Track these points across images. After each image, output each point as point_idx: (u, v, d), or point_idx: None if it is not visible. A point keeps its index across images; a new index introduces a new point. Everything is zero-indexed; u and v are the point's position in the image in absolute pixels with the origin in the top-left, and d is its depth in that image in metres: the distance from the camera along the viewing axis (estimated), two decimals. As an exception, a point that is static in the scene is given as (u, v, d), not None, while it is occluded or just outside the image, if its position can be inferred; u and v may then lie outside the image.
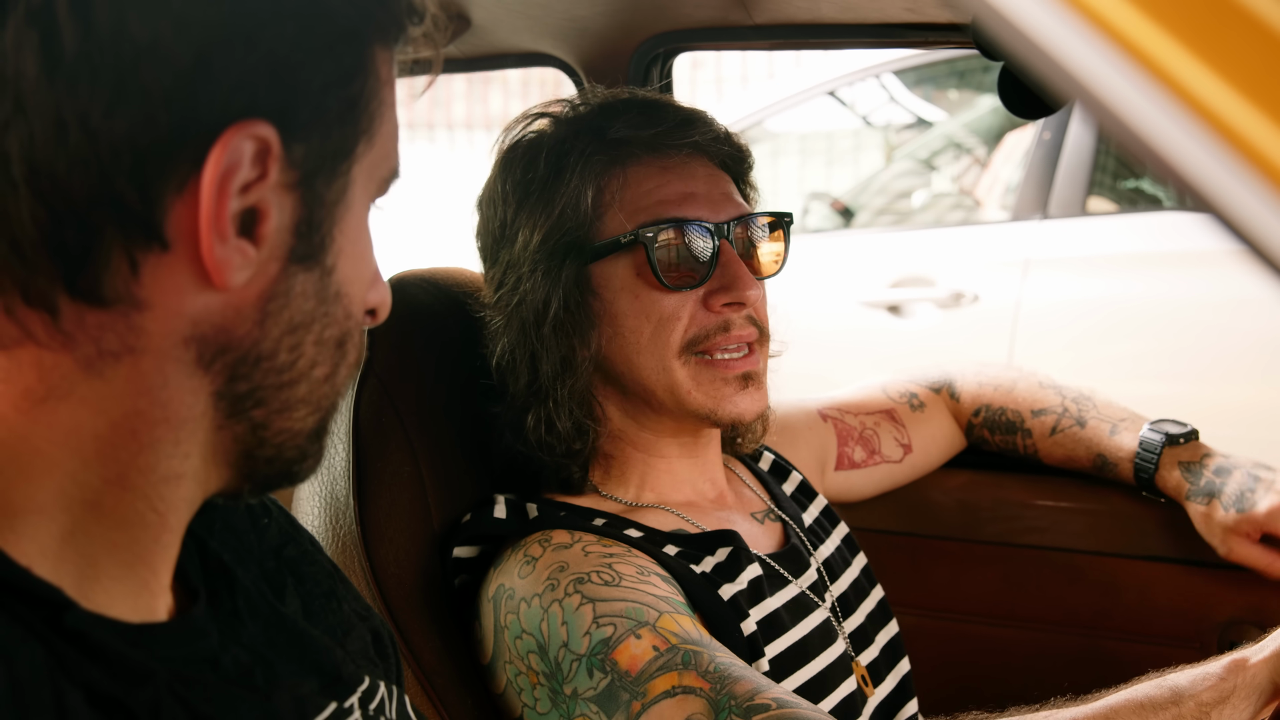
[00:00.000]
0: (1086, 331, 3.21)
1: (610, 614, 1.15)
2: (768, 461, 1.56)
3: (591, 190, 1.30)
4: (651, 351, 1.30)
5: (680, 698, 1.09)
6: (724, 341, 1.30)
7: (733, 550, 1.33)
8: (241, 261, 0.66)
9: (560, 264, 1.30)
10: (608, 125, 1.32)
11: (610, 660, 1.13)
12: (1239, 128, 0.51)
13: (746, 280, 1.30)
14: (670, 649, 1.12)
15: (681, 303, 1.30)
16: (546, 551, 1.23)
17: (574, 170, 1.30)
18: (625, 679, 1.11)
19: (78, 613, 0.64)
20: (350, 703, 0.82)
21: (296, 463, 0.75)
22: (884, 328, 3.52)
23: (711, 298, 1.30)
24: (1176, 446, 1.56)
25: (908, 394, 1.74)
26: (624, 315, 1.31)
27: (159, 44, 0.62)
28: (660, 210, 1.30)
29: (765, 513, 1.47)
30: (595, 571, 1.19)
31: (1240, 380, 3.04)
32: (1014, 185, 3.51)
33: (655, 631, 1.13)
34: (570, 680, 1.15)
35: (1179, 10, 0.52)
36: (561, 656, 1.16)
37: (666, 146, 1.32)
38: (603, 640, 1.14)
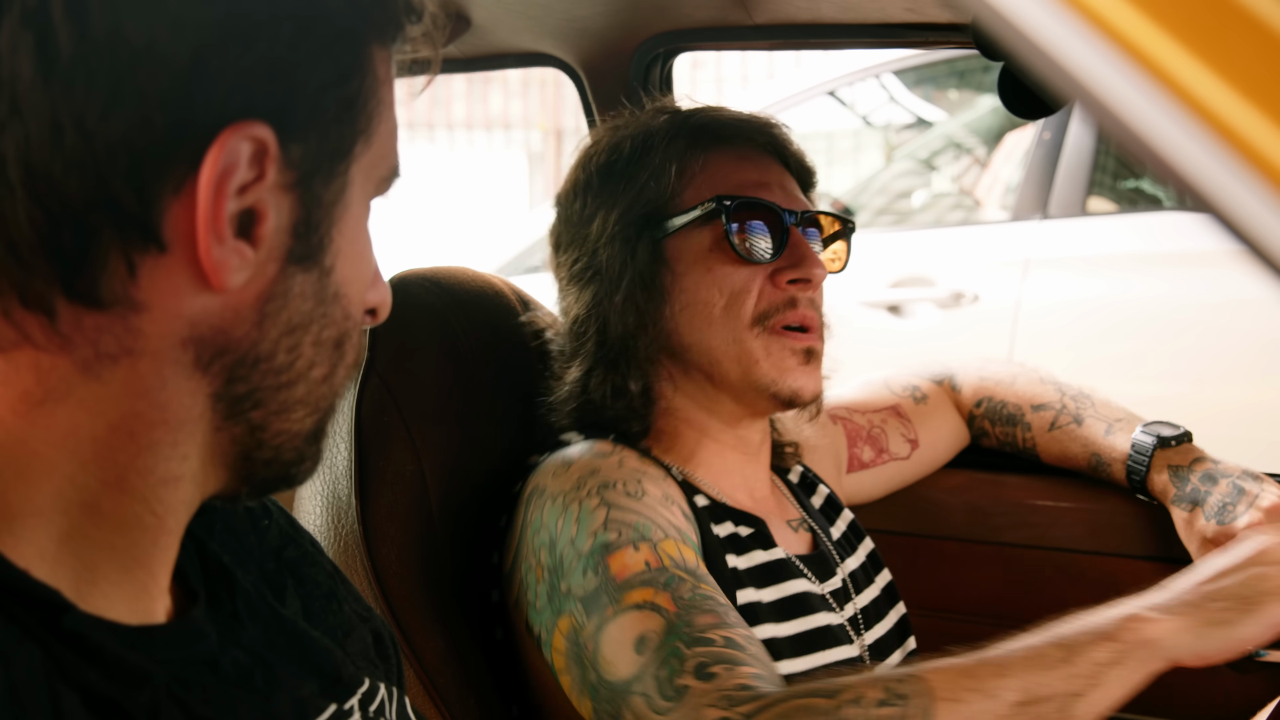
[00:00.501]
0: (1086, 331, 3.21)
1: (621, 521, 1.20)
2: (798, 475, 1.57)
3: (675, 167, 1.37)
4: (725, 323, 1.35)
5: (646, 613, 1.13)
6: (790, 318, 1.35)
7: (755, 532, 1.36)
8: (239, 263, 0.66)
9: (638, 236, 1.36)
10: (691, 116, 1.41)
11: (604, 564, 1.17)
12: (1239, 128, 0.51)
13: (814, 260, 1.36)
14: (660, 568, 1.16)
15: (752, 276, 1.35)
16: (585, 456, 1.29)
17: (659, 149, 1.38)
18: (611, 584, 1.16)
19: (76, 615, 0.64)
20: (350, 704, 0.82)
21: (294, 465, 0.75)
22: (884, 328, 3.52)
23: (779, 274, 1.35)
24: (1167, 449, 1.55)
25: (911, 388, 1.74)
26: (696, 287, 1.36)
27: (155, 46, 0.62)
28: (738, 190, 1.36)
29: (799, 522, 1.48)
30: (623, 481, 1.25)
31: (1240, 380, 3.04)
32: (1014, 185, 3.51)
33: (654, 549, 1.18)
34: (567, 576, 1.19)
35: (1179, 10, 0.52)
36: (566, 552, 1.20)
37: (747, 139, 1.41)
38: (604, 544, 1.18)
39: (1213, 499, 1.50)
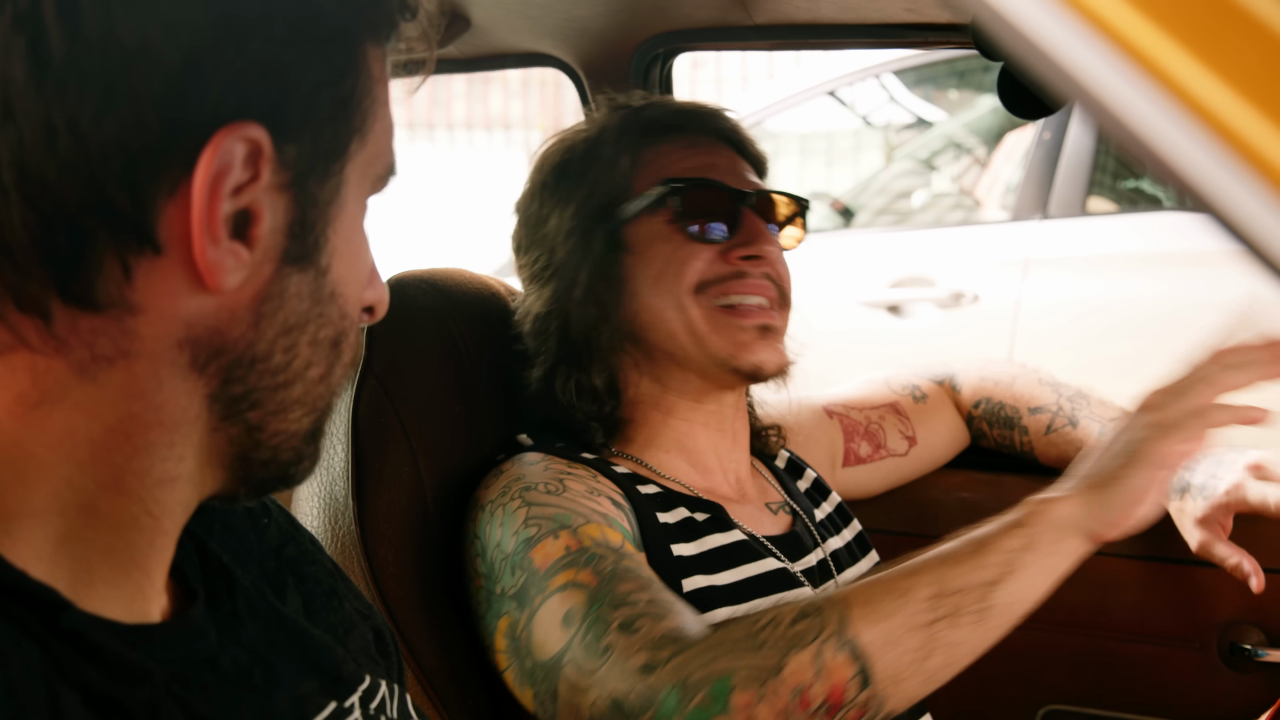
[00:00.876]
0: (1086, 331, 3.21)
1: (540, 517, 1.21)
2: (784, 460, 1.57)
3: (627, 158, 1.39)
4: (668, 291, 1.36)
5: (569, 591, 1.14)
6: (739, 288, 1.36)
7: (711, 517, 1.35)
8: (234, 264, 0.66)
9: (593, 228, 1.38)
10: (642, 110, 1.43)
11: (528, 559, 1.18)
12: (1238, 128, 0.51)
13: (765, 236, 1.38)
14: (580, 550, 1.17)
15: (701, 251, 1.37)
16: (513, 467, 1.31)
17: (610, 144, 1.40)
18: (536, 576, 1.17)
19: (74, 613, 0.64)
20: (351, 702, 0.82)
21: (292, 465, 0.75)
22: (884, 328, 3.52)
23: (730, 251, 1.37)
24: None
25: (911, 387, 1.74)
26: (650, 263, 1.38)
27: (147, 47, 0.61)
28: (688, 174, 1.39)
29: (780, 504, 1.49)
30: (544, 483, 1.26)
31: (1240, 380, 3.03)
32: (1014, 185, 3.51)
33: (574, 534, 1.18)
34: (499, 579, 1.21)
35: (1179, 10, 0.52)
36: (495, 556, 1.22)
37: (696, 128, 1.44)
38: (526, 540, 1.20)
39: (1196, 480, 1.50)
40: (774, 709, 1.02)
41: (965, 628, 1.04)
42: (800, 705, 1.02)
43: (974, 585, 1.05)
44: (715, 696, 1.02)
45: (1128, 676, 1.66)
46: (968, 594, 1.04)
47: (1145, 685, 1.63)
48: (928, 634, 1.03)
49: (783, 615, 1.05)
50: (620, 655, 1.08)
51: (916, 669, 1.04)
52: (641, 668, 1.07)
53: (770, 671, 1.02)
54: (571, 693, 1.11)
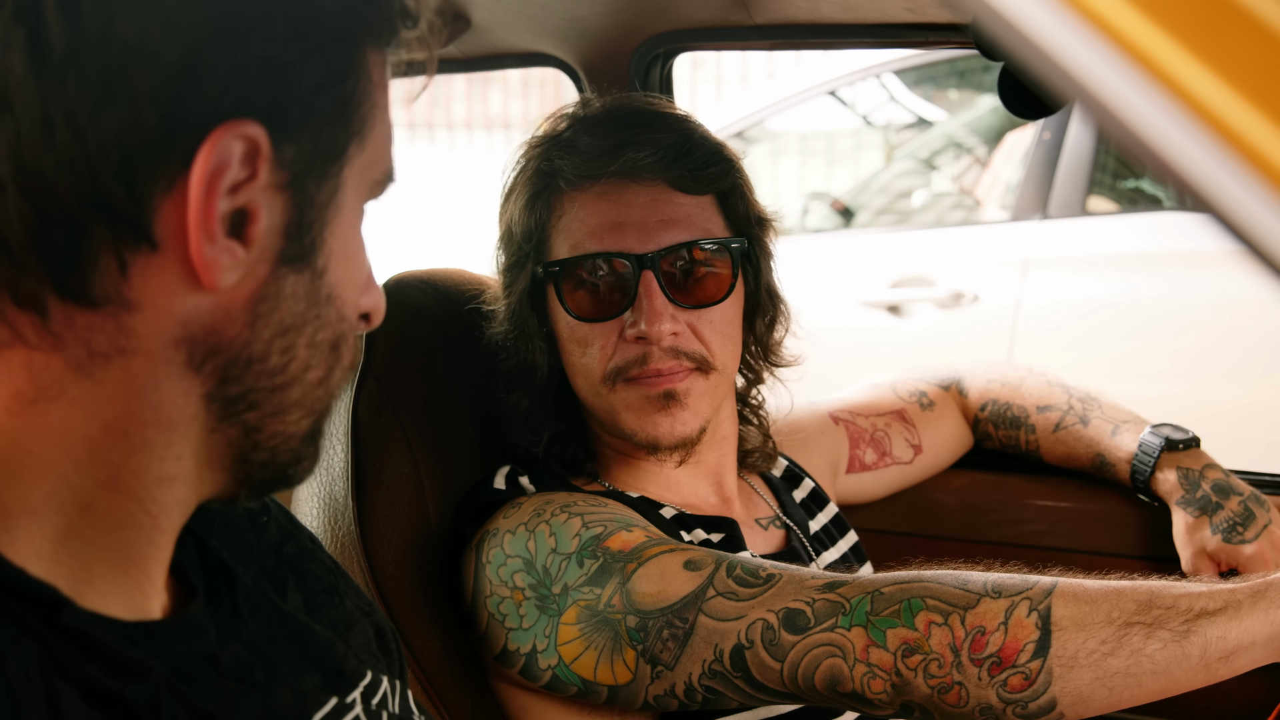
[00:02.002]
0: (1086, 331, 3.21)
1: (599, 519, 1.21)
2: (781, 468, 1.57)
3: (526, 216, 1.35)
4: (584, 375, 1.34)
5: (677, 553, 1.16)
6: (642, 373, 1.30)
7: (727, 536, 1.35)
8: (230, 262, 0.66)
9: (516, 277, 1.37)
10: (553, 150, 1.35)
11: (602, 547, 1.18)
12: (1239, 128, 0.50)
13: (654, 315, 1.27)
14: (662, 538, 1.19)
15: (605, 332, 1.32)
16: (534, 497, 1.29)
17: (516, 194, 1.37)
18: (619, 555, 1.17)
19: (74, 610, 0.64)
20: (352, 698, 0.82)
21: (291, 466, 0.75)
22: (884, 328, 3.52)
23: (628, 329, 1.30)
24: (1176, 452, 1.55)
25: (917, 393, 1.74)
26: (561, 337, 1.36)
27: (147, 43, 0.61)
28: (585, 242, 1.31)
29: (770, 519, 1.48)
30: (583, 499, 1.26)
31: (1240, 380, 3.04)
32: (1014, 185, 3.51)
33: (646, 529, 1.20)
34: (559, 579, 1.19)
35: (1179, 10, 0.52)
36: (550, 561, 1.20)
37: (596, 175, 1.31)
38: (593, 536, 1.19)
39: (1222, 514, 1.49)
40: (949, 638, 1.04)
41: (1159, 642, 1.01)
42: (974, 646, 1.04)
43: (1187, 607, 1.02)
44: (906, 610, 1.06)
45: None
46: (1177, 612, 1.01)
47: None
48: (1121, 633, 1.01)
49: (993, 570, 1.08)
50: (791, 580, 1.11)
51: (1095, 662, 1.01)
52: (824, 585, 1.10)
53: (961, 606, 1.05)
54: (715, 624, 1.11)
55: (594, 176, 1.31)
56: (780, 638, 1.09)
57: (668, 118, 1.36)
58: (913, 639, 1.05)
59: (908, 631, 1.05)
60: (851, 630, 1.07)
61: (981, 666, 1.03)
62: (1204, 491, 1.51)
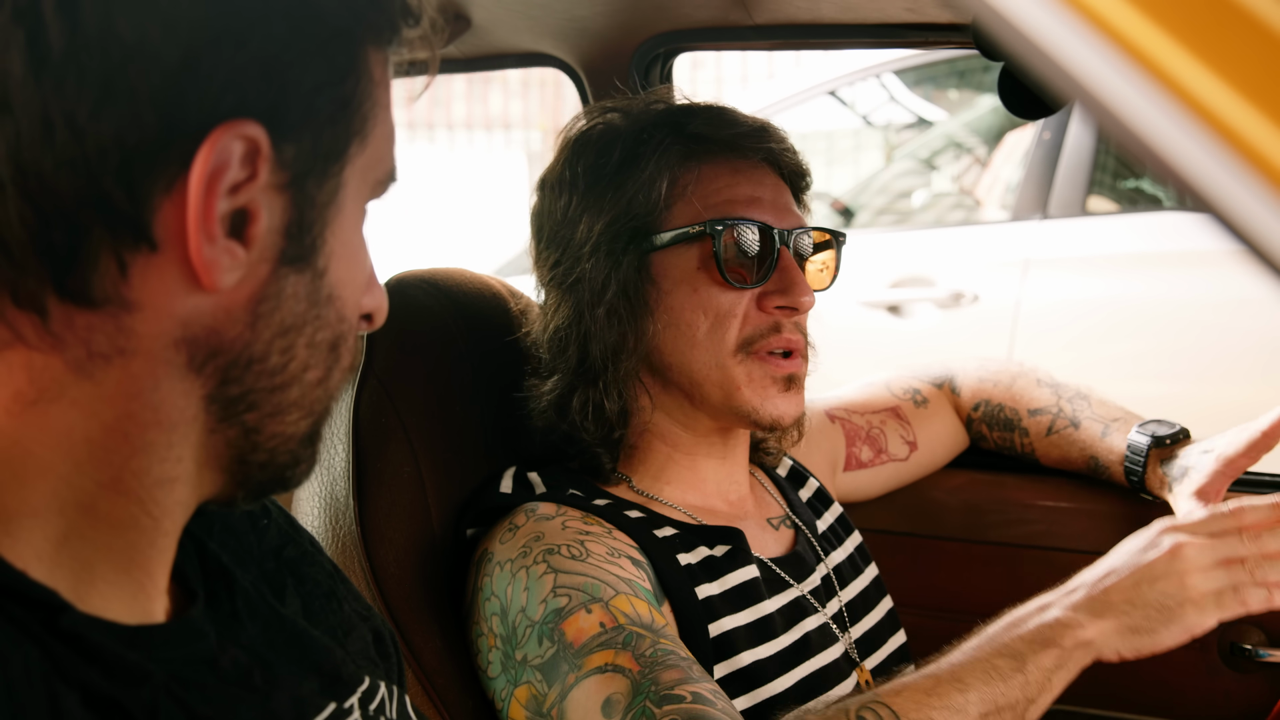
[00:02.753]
0: (1086, 331, 3.21)
1: (569, 586, 1.18)
2: (786, 468, 1.57)
3: (666, 180, 1.33)
4: (708, 347, 1.33)
5: (609, 675, 1.12)
6: (775, 343, 1.33)
7: (731, 549, 1.34)
8: (230, 263, 0.66)
9: (623, 249, 1.33)
10: (686, 122, 1.36)
11: (559, 630, 1.16)
12: (1239, 128, 0.51)
13: (803, 287, 1.33)
14: (616, 628, 1.15)
15: (738, 300, 1.32)
16: (529, 521, 1.27)
17: (650, 159, 1.34)
18: (569, 650, 1.15)
19: (74, 614, 0.64)
20: (350, 703, 0.82)
21: (289, 468, 0.75)
22: (884, 328, 3.52)
23: (766, 299, 1.33)
24: (1163, 448, 1.55)
25: (912, 390, 1.74)
26: (681, 307, 1.33)
27: (146, 43, 0.61)
28: (729, 209, 1.33)
29: (781, 519, 1.48)
30: (566, 545, 1.23)
31: (1240, 380, 3.04)
32: (1014, 185, 3.51)
33: (606, 609, 1.16)
34: (522, 646, 1.18)
35: (1179, 10, 0.52)
36: (519, 621, 1.19)
37: (741, 149, 1.36)
38: (556, 610, 1.17)
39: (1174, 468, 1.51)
40: None
41: None
42: None
43: (1016, 703, 1.08)
44: None
45: (1128, 676, 1.65)
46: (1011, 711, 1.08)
47: (1145, 685, 1.62)
48: None
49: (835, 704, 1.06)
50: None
51: None
52: None
53: None
54: None
55: (743, 152, 1.35)
56: None
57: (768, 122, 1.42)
58: None
59: None
60: None
61: None
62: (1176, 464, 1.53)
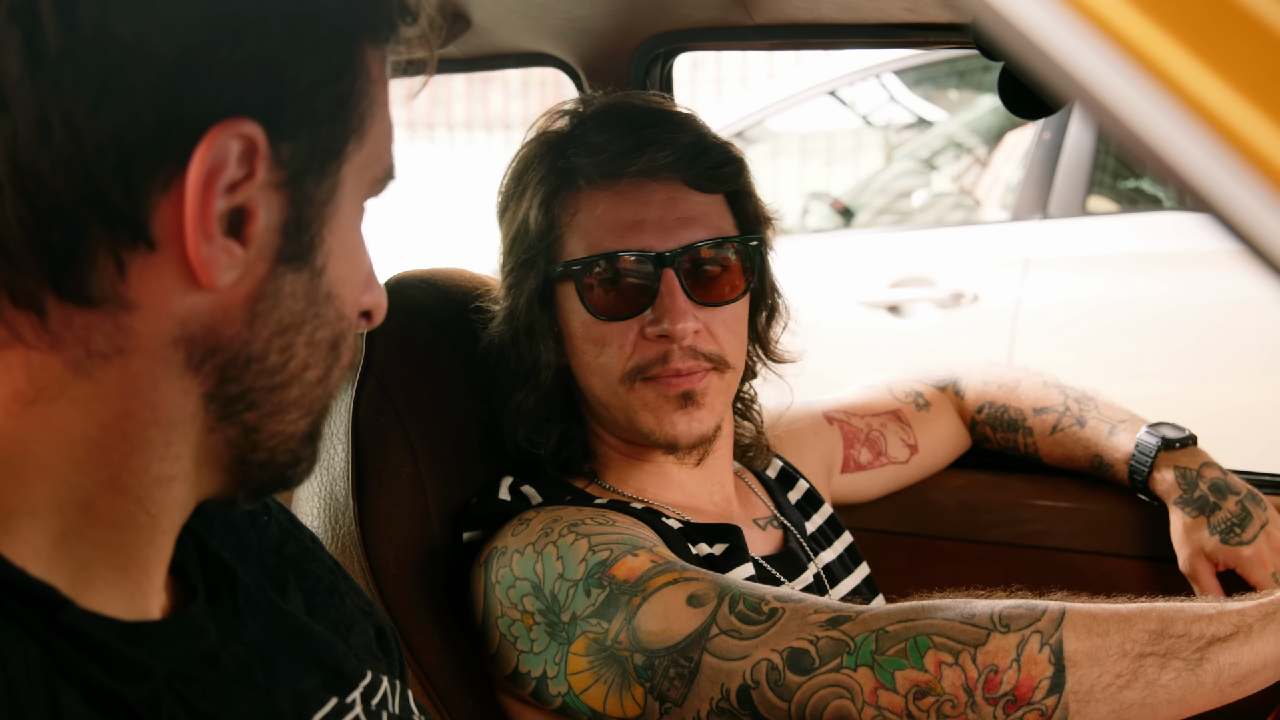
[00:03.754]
0: (1086, 331, 3.21)
1: (605, 542, 1.19)
2: (775, 469, 1.56)
3: (537, 214, 1.33)
4: (602, 375, 1.33)
5: (680, 585, 1.13)
6: (663, 373, 1.30)
7: (730, 547, 1.34)
8: (228, 261, 0.66)
9: (526, 276, 1.34)
10: (565, 148, 1.34)
11: (608, 575, 1.16)
12: (1239, 128, 0.51)
13: (677, 314, 1.28)
14: (668, 563, 1.16)
15: (624, 331, 1.31)
16: (540, 513, 1.27)
17: (527, 193, 1.34)
18: (624, 585, 1.15)
19: (74, 610, 0.64)
20: (352, 698, 0.82)
21: (290, 466, 0.75)
22: (884, 328, 3.52)
23: (648, 327, 1.30)
24: (1173, 451, 1.55)
25: (914, 393, 1.74)
26: (575, 336, 1.34)
27: (143, 42, 0.61)
28: (604, 240, 1.31)
29: (769, 519, 1.48)
30: (590, 517, 1.24)
31: (1240, 380, 3.04)
32: (1014, 185, 3.51)
33: (651, 551, 1.18)
34: (568, 606, 1.18)
35: (1179, 10, 0.52)
36: (558, 588, 1.19)
37: (613, 175, 1.31)
38: (599, 562, 1.17)
39: (1220, 514, 1.49)
40: (962, 678, 1.02)
41: (1173, 671, 1.02)
42: (988, 685, 1.02)
43: (1200, 634, 1.03)
44: (913, 649, 1.04)
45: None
46: (1189, 640, 1.02)
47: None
48: (1136, 665, 1.02)
49: (997, 607, 1.05)
50: (794, 615, 1.09)
51: (1111, 696, 1.02)
52: (827, 621, 1.08)
53: (971, 643, 1.03)
54: (720, 664, 1.10)
55: (615, 175, 1.31)
56: (785, 678, 1.07)
57: (678, 116, 1.37)
58: (923, 681, 1.03)
59: (917, 673, 1.03)
60: (858, 671, 1.05)
61: (997, 705, 1.02)
62: (1201, 491, 1.51)
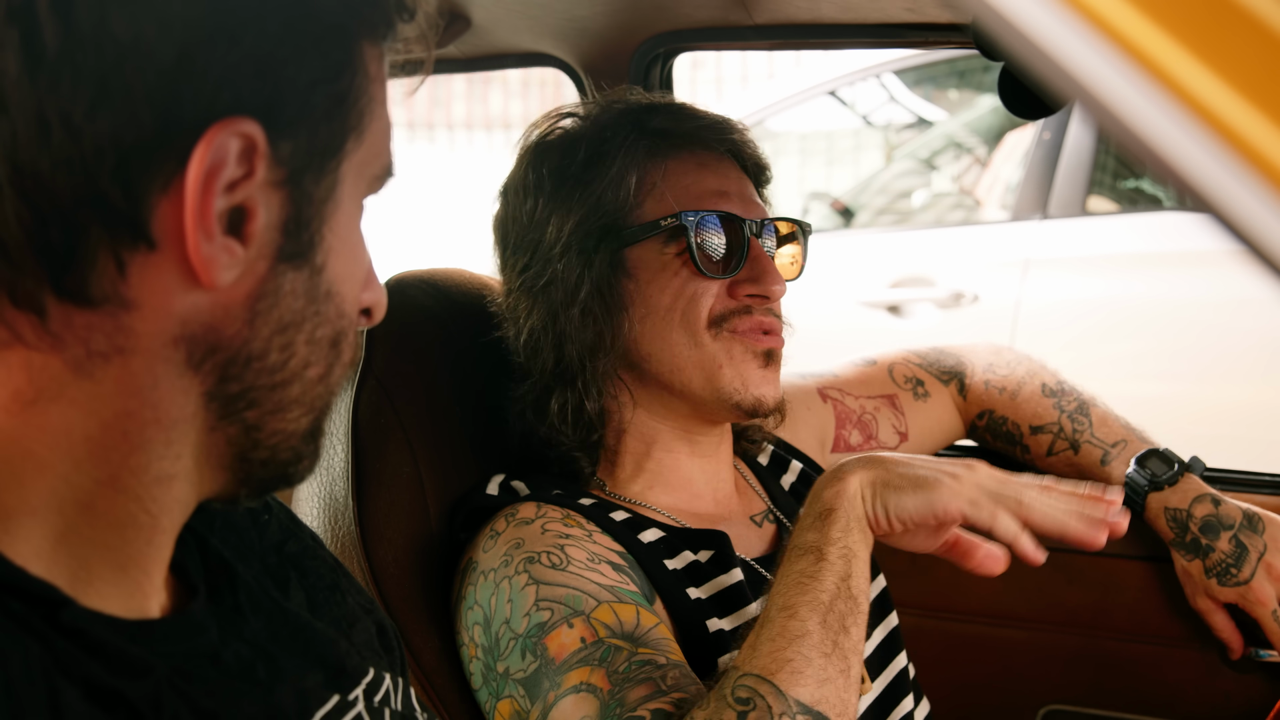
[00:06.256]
0: (1086, 331, 3.21)
1: (551, 599, 1.19)
2: (768, 455, 1.56)
3: (635, 175, 1.34)
4: (683, 328, 1.33)
5: (582, 695, 1.13)
6: (746, 323, 1.34)
7: (715, 554, 1.34)
8: (228, 260, 0.66)
9: (595, 247, 1.33)
10: (648, 118, 1.38)
11: (542, 645, 1.17)
12: (1239, 128, 0.51)
13: (774, 275, 1.36)
14: (595, 643, 1.16)
15: (710, 286, 1.34)
16: (509, 527, 1.27)
17: (616, 156, 1.35)
18: (550, 666, 1.16)
19: (75, 609, 0.64)
20: (354, 695, 0.82)
21: (291, 464, 0.75)
22: (884, 328, 3.52)
23: (737, 287, 1.35)
24: (1161, 491, 1.54)
25: (914, 381, 1.72)
26: (657, 296, 1.34)
27: (141, 42, 0.61)
28: (698, 201, 1.34)
29: (764, 514, 1.47)
30: (546, 552, 1.23)
31: (1240, 380, 3.04)
32: (1014, 185, 3.51)
33: (588, 622, 1.17)
34: (505, 658, 1.19)
35: (1179, 10, 0.52)
36: (502, 633, 1.20)
37: (705, 143, 1.38)
38: (539, 624, 1.18)
39: (1214, 556, 1.50)
40: None
41: (854, 626, 1.10)
42: None
43: (836, 589, 1.11)
44: None
45: (1128, 676, 1.65)
46: (838, 598, 1.10)
47: (1145, 685, 1.63)
48: (838, 653, 1.08)
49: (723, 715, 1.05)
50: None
51: (849, 686, 1.09)
52: None
53: None
54: None
55: (709, 145, 1.38)
56: None
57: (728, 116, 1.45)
58: None
59: None
60: None
61: None
62: (1193, 534, 1.51)
